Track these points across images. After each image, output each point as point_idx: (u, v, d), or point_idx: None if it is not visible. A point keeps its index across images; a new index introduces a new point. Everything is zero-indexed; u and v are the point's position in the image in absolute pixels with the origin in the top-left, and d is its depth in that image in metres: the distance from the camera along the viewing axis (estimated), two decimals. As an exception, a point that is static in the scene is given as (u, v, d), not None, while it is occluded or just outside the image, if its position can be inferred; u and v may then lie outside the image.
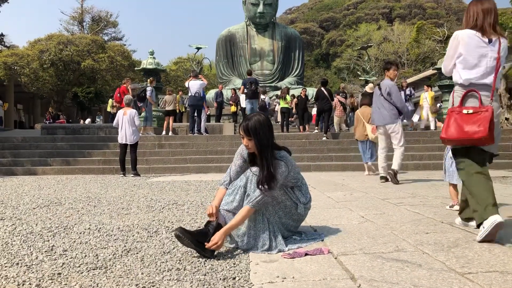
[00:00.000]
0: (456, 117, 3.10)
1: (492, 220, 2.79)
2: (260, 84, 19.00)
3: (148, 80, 15.54)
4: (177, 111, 16.73)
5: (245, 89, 15.79)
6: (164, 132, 14.95)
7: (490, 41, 3.13)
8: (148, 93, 14.41)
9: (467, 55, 3.16)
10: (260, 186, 2.91)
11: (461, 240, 3.00)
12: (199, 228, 3.06)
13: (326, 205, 4.95)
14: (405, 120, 11.45)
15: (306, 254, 2.72)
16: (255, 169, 3.03)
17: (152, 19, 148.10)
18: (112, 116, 18.99)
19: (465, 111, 3.08)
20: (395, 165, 7.28)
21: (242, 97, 17.13)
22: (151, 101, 14.71)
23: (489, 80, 3.13)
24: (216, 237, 2.77)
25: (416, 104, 20.19)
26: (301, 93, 16.84)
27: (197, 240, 2.77)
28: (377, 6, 71.31)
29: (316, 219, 3.98)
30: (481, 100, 3.08)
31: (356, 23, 62.08)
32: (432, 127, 16.27)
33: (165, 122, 15.24)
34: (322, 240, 3.11)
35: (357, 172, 10.46)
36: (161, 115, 16.69)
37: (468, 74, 3.17)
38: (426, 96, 16.73)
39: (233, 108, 18.79)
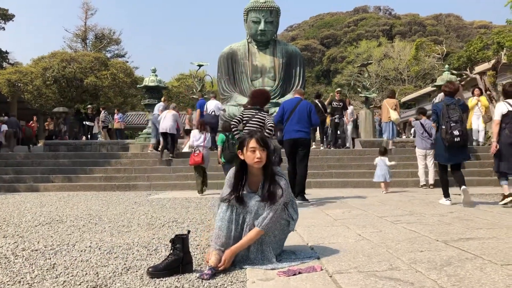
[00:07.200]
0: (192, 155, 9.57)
1: None
2: None
3: (162, 98, 16.09)
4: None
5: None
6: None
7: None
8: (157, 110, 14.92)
9: None
10: (267, 201, 3.04)
11: (454, 258, 3.06)
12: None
13: (325, 222, 5.01)
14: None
15: (299, 272, 2.78)
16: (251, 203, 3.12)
17: (154, 36, 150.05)
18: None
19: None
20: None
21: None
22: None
23: None
24: (225, 257, 2.91)
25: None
26: None
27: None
28: (378, 23, 71.98)
29: (313, 237, 4.03)
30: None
31: (357, 40, 62.56)
32: (481, 139, 14.10)
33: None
34: (318, 258, 3.17)
35: (357, 189, 10.51)
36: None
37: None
38: (478, 104, 13.94)
39: None
